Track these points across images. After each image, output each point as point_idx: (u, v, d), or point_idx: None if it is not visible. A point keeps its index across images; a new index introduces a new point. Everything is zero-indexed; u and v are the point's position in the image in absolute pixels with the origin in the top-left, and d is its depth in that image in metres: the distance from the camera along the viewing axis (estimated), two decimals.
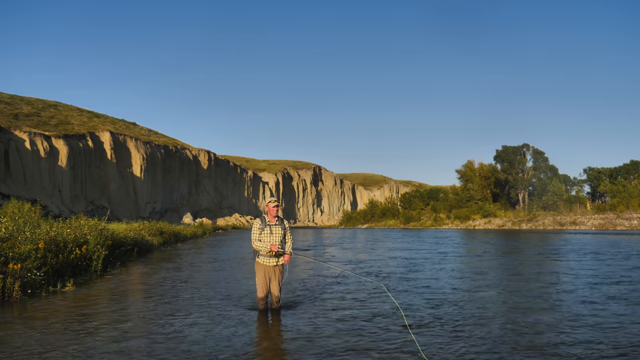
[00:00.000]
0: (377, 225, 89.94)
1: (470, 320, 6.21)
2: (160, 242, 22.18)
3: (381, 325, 6.00)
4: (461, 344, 5.08)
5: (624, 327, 5.77)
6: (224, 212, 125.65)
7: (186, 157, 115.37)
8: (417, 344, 4.99)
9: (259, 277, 6.67)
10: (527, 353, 4.71)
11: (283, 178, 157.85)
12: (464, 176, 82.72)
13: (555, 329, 5.66)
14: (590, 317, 6.32)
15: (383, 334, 5.57)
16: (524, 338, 5.28)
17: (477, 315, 6.49)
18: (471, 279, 10.54)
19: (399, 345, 5.06)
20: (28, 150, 68.68)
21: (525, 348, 4.90)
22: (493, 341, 5.15)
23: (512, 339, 5.22)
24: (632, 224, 47.53)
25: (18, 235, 9.58)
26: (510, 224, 60.04)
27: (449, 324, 6.00)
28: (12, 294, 7.60)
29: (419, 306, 7.22)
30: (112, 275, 11.08)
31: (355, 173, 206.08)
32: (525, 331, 5.58)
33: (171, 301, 7.75)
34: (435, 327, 5.85)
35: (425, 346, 4.97)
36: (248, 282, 10.02)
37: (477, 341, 5.16)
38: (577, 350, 4.81)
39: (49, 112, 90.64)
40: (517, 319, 6.21)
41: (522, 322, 6.03)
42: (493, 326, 5.83)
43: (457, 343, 5.10)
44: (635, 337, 5.30)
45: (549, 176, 77.63)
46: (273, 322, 6.29)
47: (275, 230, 6.66)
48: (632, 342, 5.09)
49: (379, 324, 6.08)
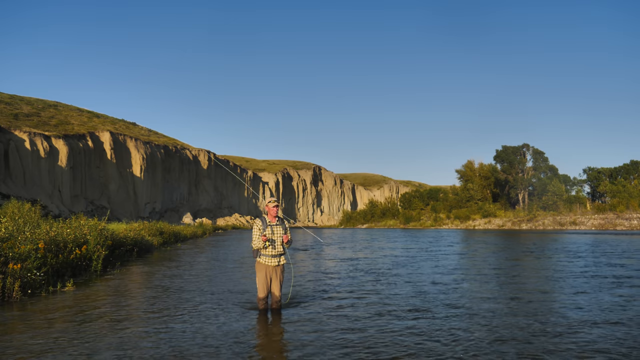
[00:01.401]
0: (377, 225, 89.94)
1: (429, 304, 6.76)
2: (160, 242, 22.18)
3: (381, 324, 6.01)
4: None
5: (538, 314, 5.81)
6: (224, 212, 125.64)
7: (186, 157, 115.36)
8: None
9: (259, 277, 6.67)
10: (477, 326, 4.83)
11: (283, 178, 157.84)
12: (464, 176, 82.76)
13: (493, 315, 6.46)
14: (525, 304, 7.07)
15: (382, 334, 5.58)
16: (475, 320, 5.82)
17: (448, 304, 6.84)
18: (450, 274, 10.96)
19: (397, 345, 5.07)
20: (28, 150, 68.66)
21: (479, 327, 5.42)
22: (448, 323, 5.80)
23: (467, 324, 6.05)
24: (632, 224, 47.54)
25: (18, 235, 9.58)
26: (510, 224, 60.04)
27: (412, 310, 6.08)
28: (12, 294, 7.60)
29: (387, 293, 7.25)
30: (112, 276, 11.07)
31: (355, 173, 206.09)
32: (480, 315, 6.34)
33: (171, 301, 7.75)
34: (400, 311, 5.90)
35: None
36: (248, 282, 10.02)
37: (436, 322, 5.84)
38: (508, 330, 5.20)
39: (49, 112, 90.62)
40: (475, 307, 7.23)
41: (478, 309, 6.91)
42: (452, 311, 6.83)
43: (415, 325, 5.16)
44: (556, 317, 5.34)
45: (549, 176, 77.66)
46: (273, 322, 6.29)
47: (275, 230, 6.66)
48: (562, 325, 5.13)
49: (379, 323, 6.09)
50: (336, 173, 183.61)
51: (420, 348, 4.98)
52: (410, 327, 5.91)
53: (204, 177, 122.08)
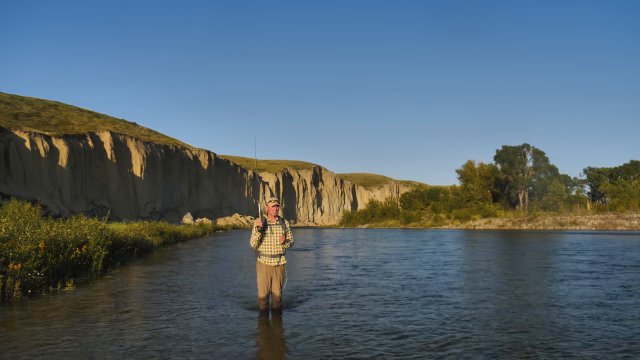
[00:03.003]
0: (377, 226, 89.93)
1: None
2: (160, 242, 22.17)
3: (381, 324, 6.00)
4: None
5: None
6: (224, 212, 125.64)
7: (186, 157, 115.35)
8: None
9: (260, 277, 6.66)
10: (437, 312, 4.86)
11: (283, 178, 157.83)
12: (464, 176, 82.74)
13: (456, 304, 6.98)
14: (489, 301, 7.10)
15: (382, 333, 5.57)
16: (444, 308, 6.07)
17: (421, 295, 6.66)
18: (432, 270, 11.33)
19: (397, 345, 5.07)
20: (28, 150, 68.67)
21: (445, 318, 5.68)
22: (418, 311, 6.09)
23: (436, 311, 6.62)
24: (632, 224, 47.53)
25: (18, 235, 9.57)
26: (510, 224, 60.04)
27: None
28: (12, 294, 7.59)
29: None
30: (112, 276, 11.07)
31: (355, 173, 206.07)
32: (442, 302, 6.58)
33: (171, 301, 7.74)
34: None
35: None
36: (248, 282, 10.02)
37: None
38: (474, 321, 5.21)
39: (49, 112, 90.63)
40: (440, 296, 7.98)
41: (442, 299, 7.51)
42: (423, 301, 7.46)
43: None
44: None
45: (549, 176, 77.62)
46: (274, 322, 6.29)
47: (275, 230, 6.65)
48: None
49: (379, 322, 6.08)
50: (336, 173, 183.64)
51: (421, 349, 4.98)
52: (411, 327, 5.91)
53: (204, 177, 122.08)
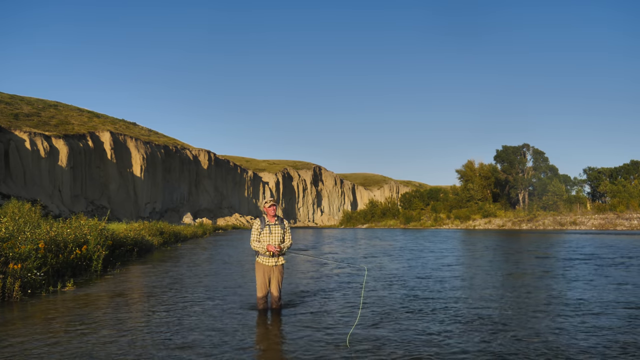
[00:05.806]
0: (377, 226, 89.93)
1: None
2: (160, 242, 22.19)
3: (381, 323, 6.01)
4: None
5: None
6: (224, 212, 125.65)
7: (186, 157, 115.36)
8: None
9: (258, 277, 6.68)
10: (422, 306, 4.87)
11: (283, 178, 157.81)
12: (464, 176, 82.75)
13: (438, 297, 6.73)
14: (464, 297, 6.78)
15: (383, 333, 5.59)
16: (429, 303, 6.11)
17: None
18: (421, 268, 11.12)
19: (398, 344, 5.08)
20: (28, 150, 68.68)
21: (427, 312, 5.76)
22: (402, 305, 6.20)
23: (441, 315, 6.10)
24: (632, 224, 47.53)
25: (18, 235, 9.59)
26: (510, 224, 60.05)
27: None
28: (12, 294, 7.61)
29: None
30: (112, 275, 11.09)
31: (355, 173, 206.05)
32: (428, 297, 6.43)
33: (171, 301, 7.76)
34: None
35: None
36: (248, 282, 10.03)
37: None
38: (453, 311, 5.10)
39: (49, 112, 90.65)
40: (426, 289, 7.75)
41: (429, 291, 7.28)
42: (427, 304, 6.89)
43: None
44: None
45: (549, 176, 77.62)
46: (272, 322, 6.30)
47: (274, 230, 6.66)
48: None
49: (380, 322, 6.09)
50: (336, 173, 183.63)
51: (422, 348, 5.00)
52: (412, 326, 5.93)
53: (204, 177, 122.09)
